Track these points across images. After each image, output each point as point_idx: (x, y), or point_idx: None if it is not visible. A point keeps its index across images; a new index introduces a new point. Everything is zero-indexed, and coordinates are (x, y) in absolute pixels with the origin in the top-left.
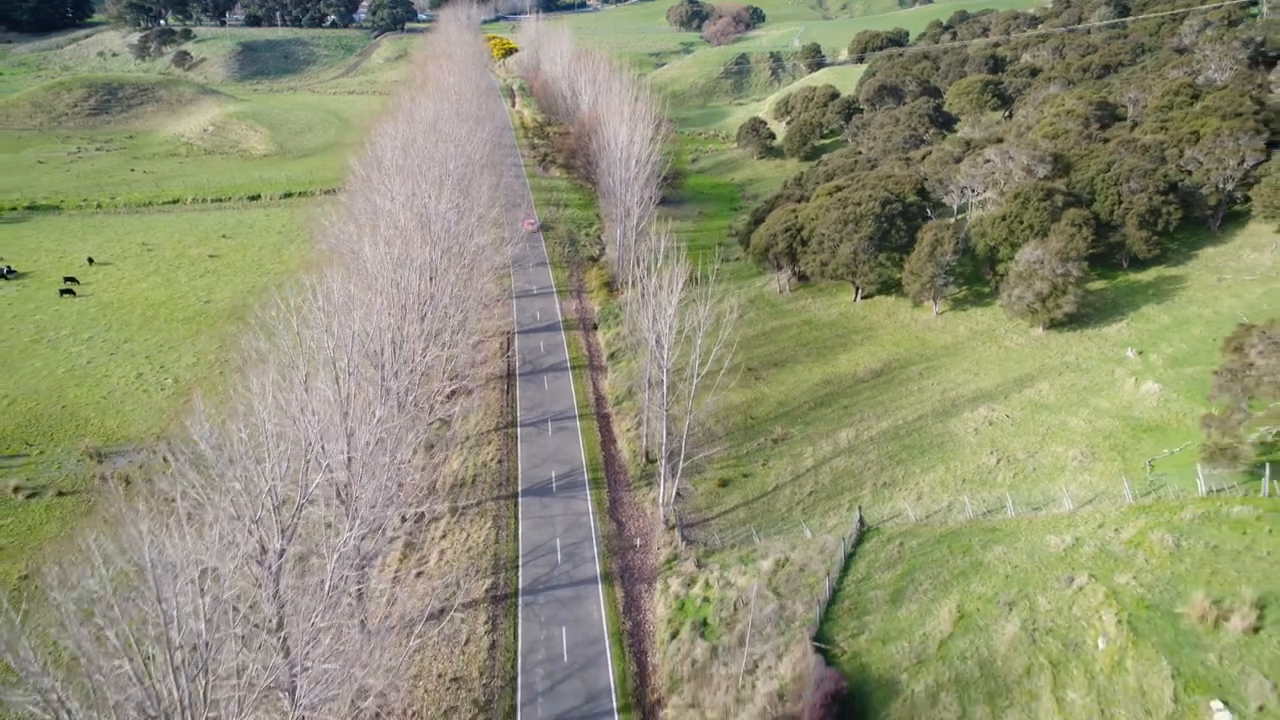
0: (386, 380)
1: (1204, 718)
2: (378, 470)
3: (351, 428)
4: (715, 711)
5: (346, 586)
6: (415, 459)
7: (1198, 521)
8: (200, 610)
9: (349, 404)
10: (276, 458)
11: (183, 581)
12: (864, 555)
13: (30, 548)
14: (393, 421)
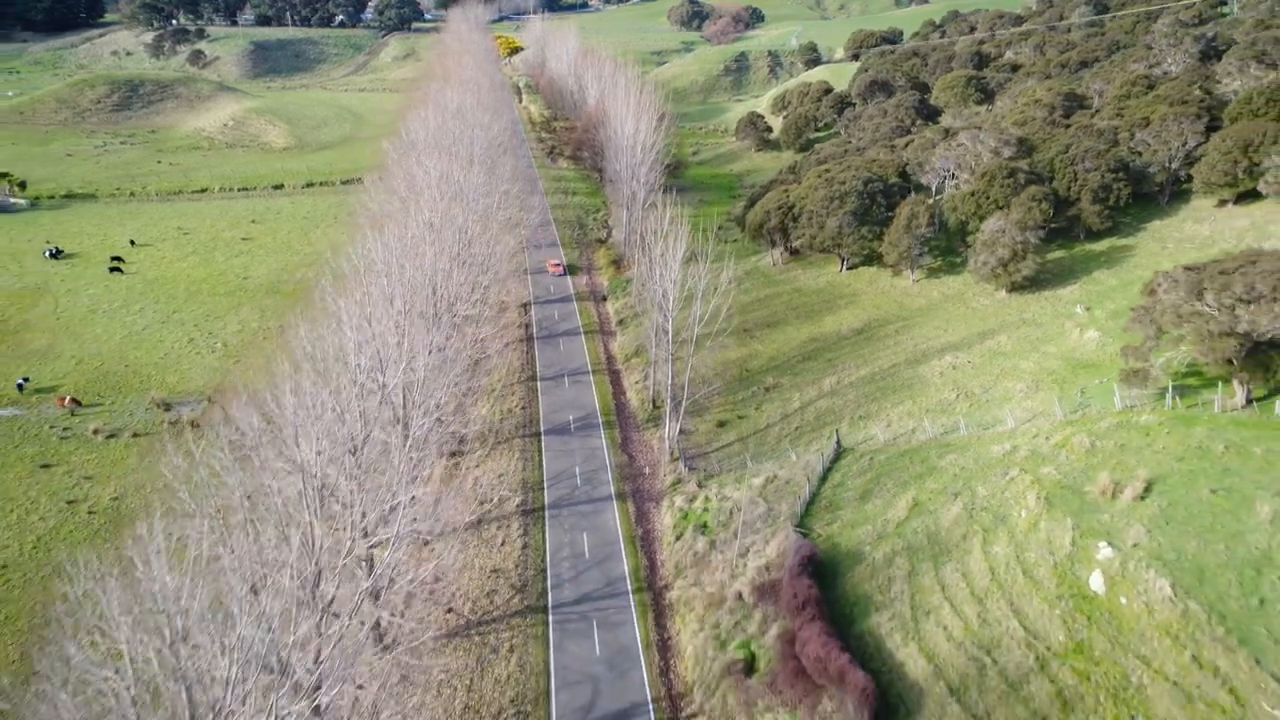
0: (440, 314)
1: (1092, 554)
2: (434, 388)
3: (413, 348)
4: (713, 587)
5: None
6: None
7: (1112, 428)
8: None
9: (411, 327)
10: (366, 355)
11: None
12: (840, 469)
13: (115, 476)
14: (444, 347)
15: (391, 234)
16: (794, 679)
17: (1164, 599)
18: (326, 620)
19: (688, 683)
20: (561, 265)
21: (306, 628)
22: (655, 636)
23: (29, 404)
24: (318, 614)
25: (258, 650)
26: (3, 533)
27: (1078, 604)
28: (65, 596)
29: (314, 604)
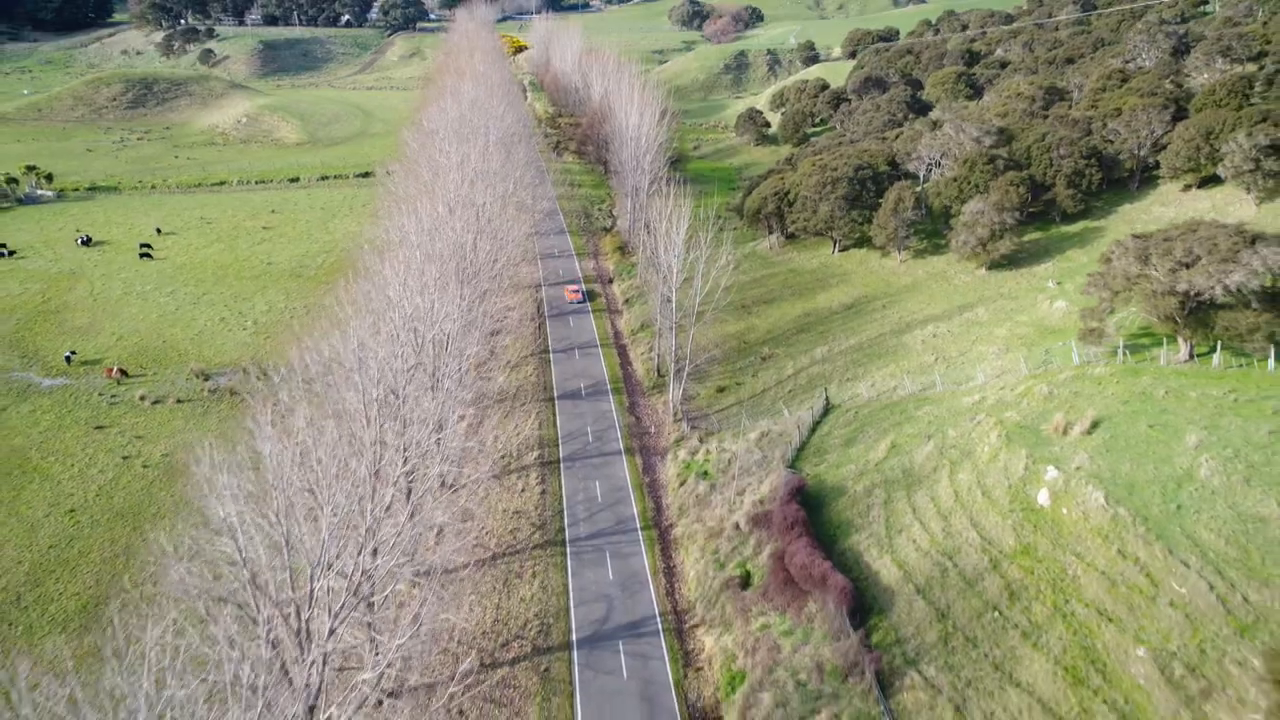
0: (464, 282)
1: (1041, 476)
2: (464, 344)
3: (445, 306)
4: (713, 521)
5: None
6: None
7: (1068, 380)
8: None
9: (442, 291)
10: (406, 310)
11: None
12: (827, 422)
13: (164, 436)
14: (469, 311)
15: (423, 209)
16: (783, 587)
17: (1098, 507)
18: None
19: (690, 600)
20: (580, 291)
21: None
22: (661, 564)
23: (77, 374)
24: (381, 500)
25: (344, 518)
26: (69, 483)
27: (1026, 515)
28: (191, 472)
29: (375, 497)
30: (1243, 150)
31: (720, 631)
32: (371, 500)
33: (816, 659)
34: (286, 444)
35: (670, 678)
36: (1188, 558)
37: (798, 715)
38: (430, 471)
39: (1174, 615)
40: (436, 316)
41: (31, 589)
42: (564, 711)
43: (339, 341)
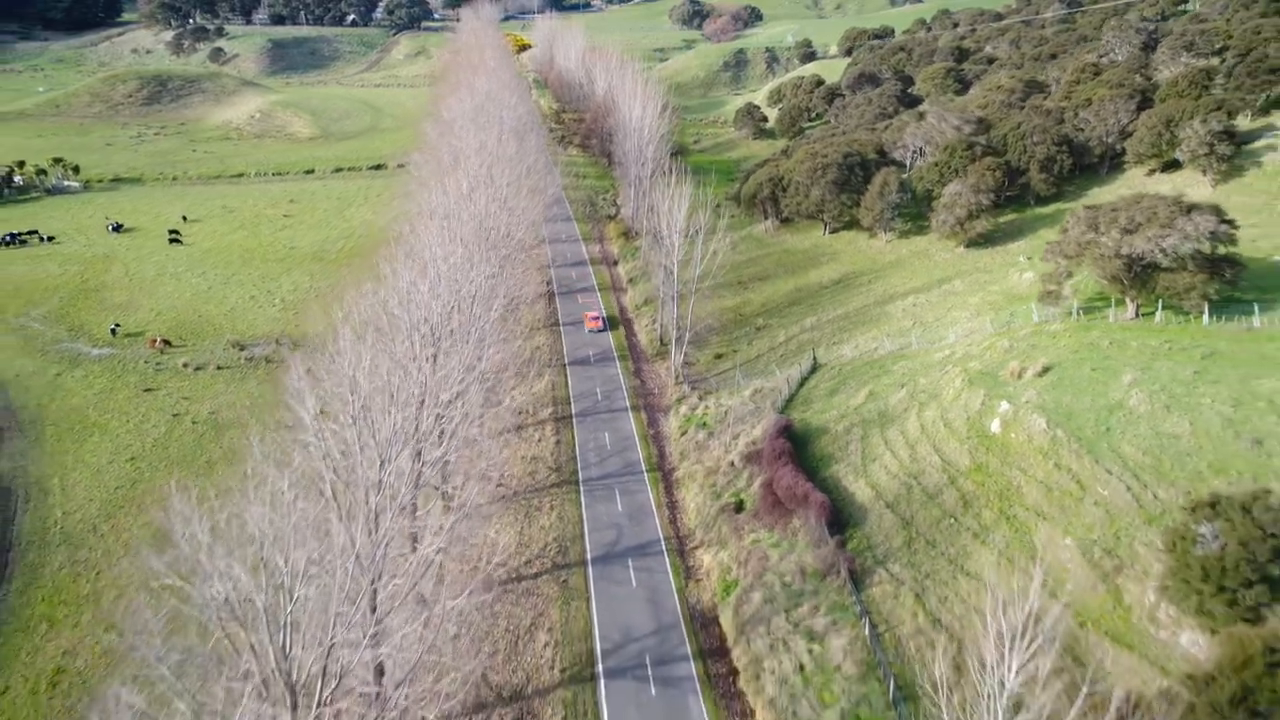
0: (488, 249)
1: (995, 409)
2: (490, 300)
3: (474, 272)
4: (711, 461)
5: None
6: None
7: (1027, 335)
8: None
9: (470, 255)
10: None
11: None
12: (814, 378)
13: (208, 397)
14: (492, 277)
15: (450, 186)
16: (771, 509)
17: (1040, 431)
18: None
19: (691, 526)
20: (601, 319)
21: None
22: (665, 499)
23: (123, 345)
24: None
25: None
26: (127, 435)
27: (980, 441)
28: (282, 382)
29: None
30: (1198, 136)
31: (717, 549)
32: (419, 410)
33: (799, 564)
34: (357, 360)
35: (673, 586)
36: (1111, 467)
37: (783, 608)
38: (469, 398)
39: (1097, 512)
40: (468, 273)
41: (105, 520)
42: (581, 612)
43: (390, 285)
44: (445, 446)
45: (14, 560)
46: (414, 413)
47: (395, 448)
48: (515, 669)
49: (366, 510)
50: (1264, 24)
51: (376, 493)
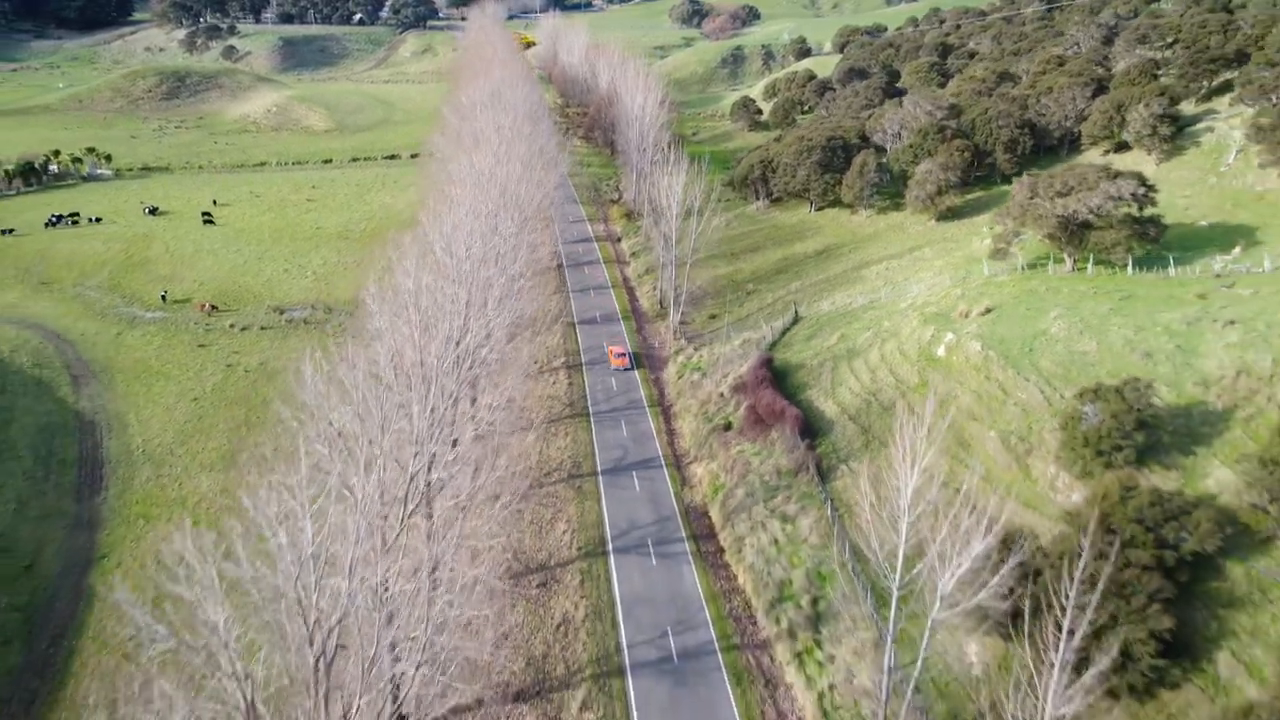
0: (511, 210)
1: (942, 339)
2: (516, 255)
3: (501, 229)
4: (704, 395)
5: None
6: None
7: (978, 286)
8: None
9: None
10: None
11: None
12: (795, 328)
13: (256, 351)
14: (516, 235)
15: (476, 159)
16: (754, 425)
17: (976, 352)
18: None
19: (686, 447)
20: (626, 354)
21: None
22: (664, 427)
23: (172, 310)
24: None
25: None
26: (188, 381)
27: (928, 363)
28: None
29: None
30: (1142, 118)
31: (708, 461)
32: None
33: (776, 466)
34: (418, 280)
35: (671, 490)
36: (1030, 376)
37: (761, 499)
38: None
39: (1016, 410)
40: (494, 229)
41: (181, 445)
42: (593, 509)
43: (433, 229)
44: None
45: (108, 474)
46: (460, 321)
47: (450, 346)
48: (540, 549)
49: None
50: (1210, 19)
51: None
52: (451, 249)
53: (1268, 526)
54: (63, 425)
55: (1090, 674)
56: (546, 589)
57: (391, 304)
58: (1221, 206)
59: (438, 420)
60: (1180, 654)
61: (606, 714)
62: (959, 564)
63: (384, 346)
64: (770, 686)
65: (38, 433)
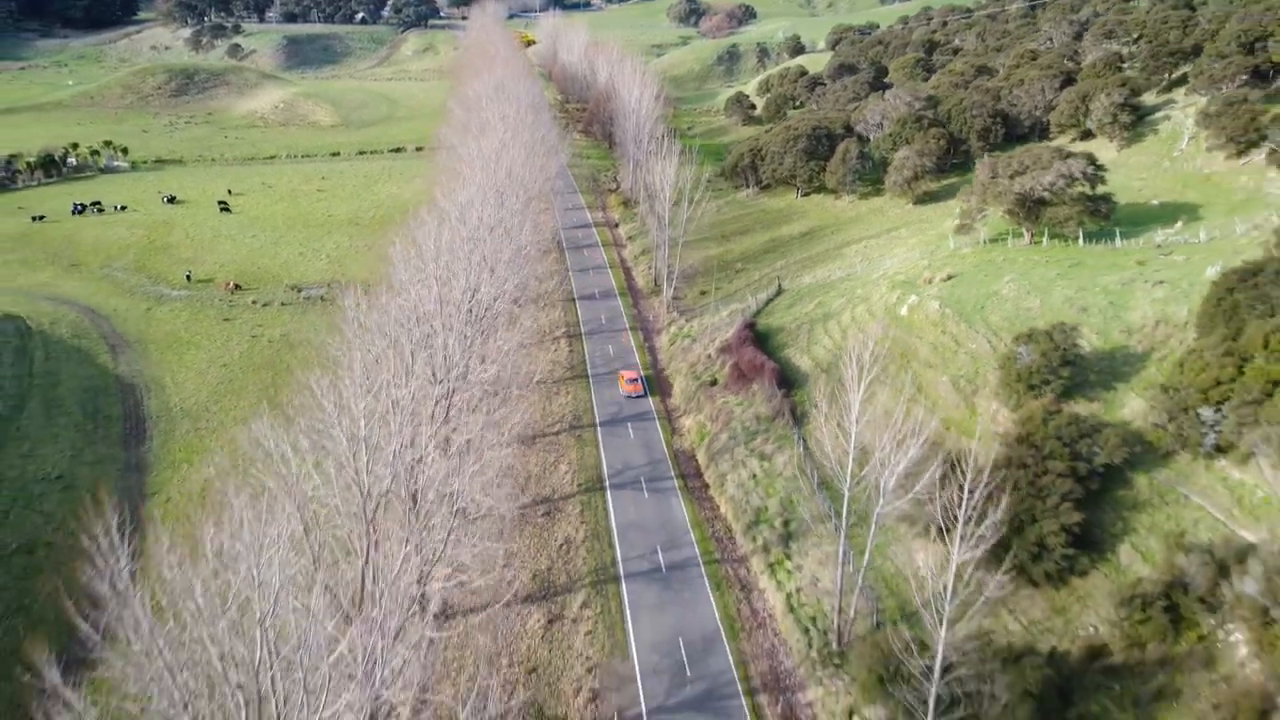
0: (516, 189)
1: (906, 301)
2: (521, 227)
3: (509, 204)
4: (693, 358)
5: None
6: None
7: (943, 257)
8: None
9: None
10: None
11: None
12: (778, 299)
13: (278, 324)
14: (519, 212)
15: (484, 144)
16: (737, 380)
17: (934, 310)
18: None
19: (677, 403)
20: (639, 379)
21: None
22: (657, 387)
23: (197, 288)
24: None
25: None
26: (216, 349)
27: (893, 321)
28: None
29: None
30: (1104, 107)
31: (695, 413)
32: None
33: (756, 413)
34: (437, 241)
35: (662, 439)
36: (979, 329)
37: (742, 441)
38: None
39: (966, 358)
40: (500, 205)
41: (215, 403)
42: (592, 453)
43: (448, 201)
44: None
45: (150, 427)
46: (474, 277)
47: (468, 295)
48: (544, 485)
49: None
50: (1171, 15)
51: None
52: (465, 218)
53: (1167, 442)
54: (105, 387)
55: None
56: (550, 517)
57: (416, 259)
58: (1173, 188)
59: (464, 348)
60: (1090, 548)
61: (603, 610)
62: (897, 463)
63: (413, 290)
64: (745, 590)
65: (83, 393)
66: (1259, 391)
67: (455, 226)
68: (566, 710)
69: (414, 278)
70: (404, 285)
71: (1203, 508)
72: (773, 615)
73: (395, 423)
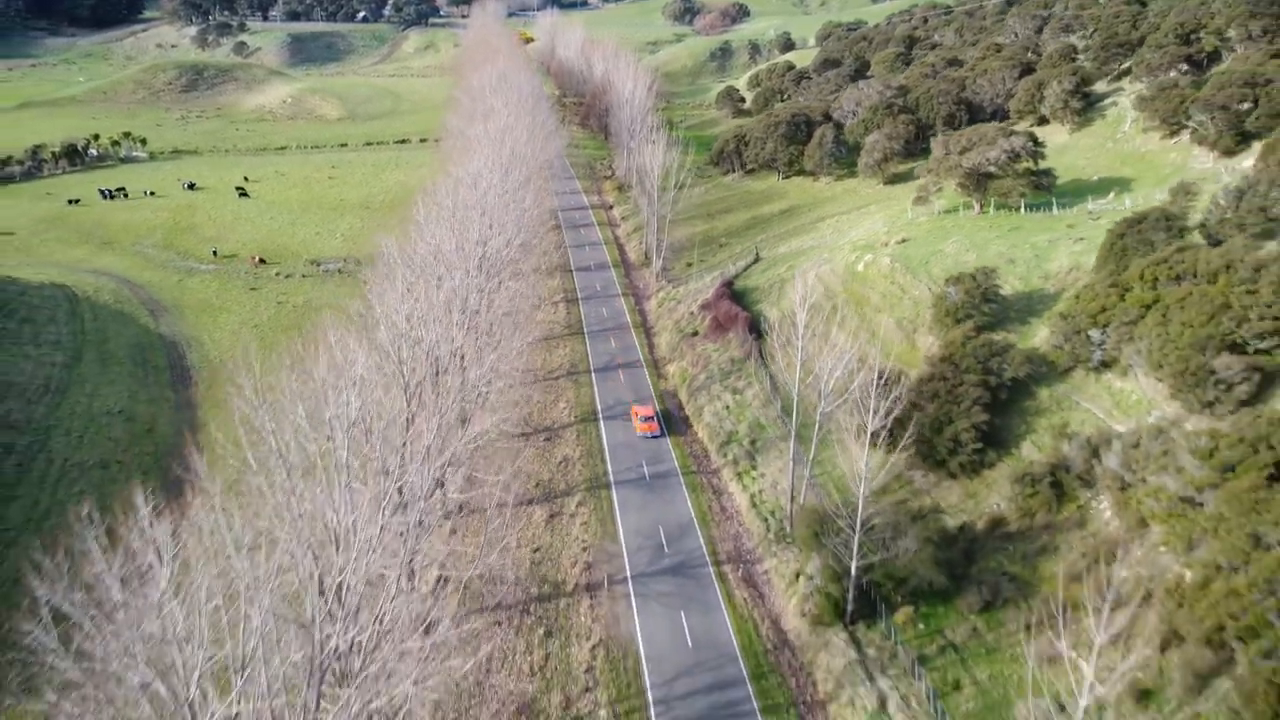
0: (519, 166)
1: (864, 258)
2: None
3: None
4: (678, 316)
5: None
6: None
7: (901, 225)
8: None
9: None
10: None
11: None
12: (755, 265)
13: (301, 293)
14: (522, 185)
15: (489, 126)
16: (715, 330)
17: (886, 265)
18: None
19: (663, 353)
20: (655, 416)
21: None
22: (646, 341)
23: (223, 263)
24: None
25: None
26: (246, 313)
27: (851, 276)
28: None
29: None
30: (1056, 94)
31: (679, 360)
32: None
33: (730, 357)
34: (455, 191)
35: (649, 381)
36: (922, 279)
37: (718, 379)
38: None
39: (910, 303)
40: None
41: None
42: (588, 393)
43: (460, 170)
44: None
45: (194, 374)
46: (485, 231)
47: (479, 246)
48: (545, 417)
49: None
50: (1124, 10)
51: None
52: (476, 184)
53: (1064, 360)
54: (150, 343)
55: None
56: (551, 441)
57: (436, 212)
58: (1112, 165)
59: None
60: (998, 445)
61: (596, 508)
62: (834, 370)
63: (434, 236)
64: (717, 494)
65: (131, 348)
66: (1135, 314)
67: (467, 191)
68: (565, 576)
69: (436, 226)
70: (428, 232)
71: (1090, 410)
72: (739, 511)
73: (433, 319)
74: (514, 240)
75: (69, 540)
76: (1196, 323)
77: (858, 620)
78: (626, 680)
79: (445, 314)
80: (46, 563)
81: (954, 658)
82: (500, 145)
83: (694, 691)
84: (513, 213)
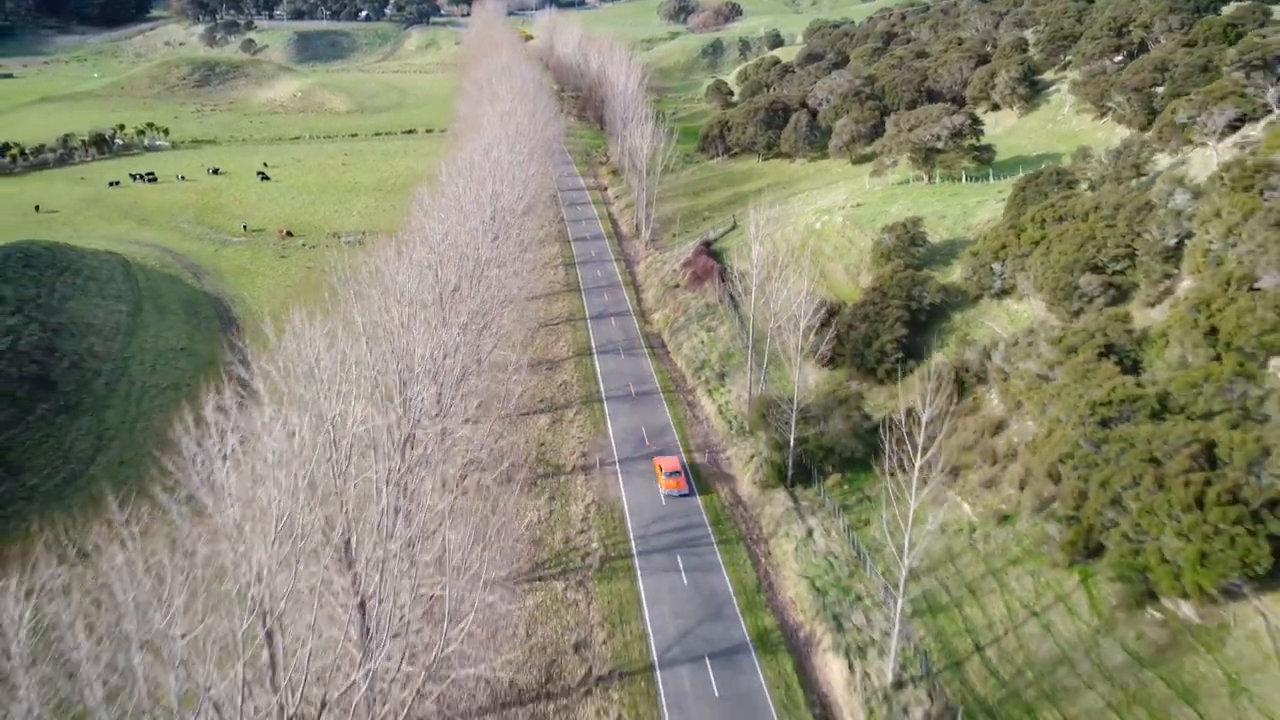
0: (524, 142)
1: (820, 219)
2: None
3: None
4: (664, 274)
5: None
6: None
7: (858, 193)
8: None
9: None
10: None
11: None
12: (732, 232)
13: (325, 260)
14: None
15: (495, 109)
16: (693, 281)
17: (839, 223)
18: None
19: (649, 305)
20: (682, 472)
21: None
22: (635, 296)
23: (253, 236)
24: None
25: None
26: (279, 276)
27: (809, 233)
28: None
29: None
30: (1004, 82)
31: (663, 309)
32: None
33: (706, 302)
34: (470, 157)
35: (637, 326)
36: (869, 232)
37: (695, 320)
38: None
39: (856, 252)
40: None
41: (285, 310)
42: (583, 335)
43: (471, 143)
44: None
45: (239, 321)
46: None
47: (486, 208)
48: (547, 354)
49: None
50: (1070, 6)
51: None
52: (488, 154)
53: (973, 290)
54: (198, 300)
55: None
56: (552, 371)
57: (456, 170)
58: (1050, 143)
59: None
60: (917, 358)
61: (589, 417)
62: (780, 291)
63: (454, 192)
64: (690, 406)
65: (183, 302)
66: (1027, 249)
67: (481, 159)
68: (564, 461)
69: (458, 179)
70: (449, 187)
71: (990, 328)
72: (708, 417)
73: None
74: (522, 198)
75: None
76: (1069, 251)
77: (796, 484)
78: (614, 525)
79: (473, 235)
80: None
81: (869, 506)
82: (507, 124)
83: (666, 531)
84: (519, 178)
